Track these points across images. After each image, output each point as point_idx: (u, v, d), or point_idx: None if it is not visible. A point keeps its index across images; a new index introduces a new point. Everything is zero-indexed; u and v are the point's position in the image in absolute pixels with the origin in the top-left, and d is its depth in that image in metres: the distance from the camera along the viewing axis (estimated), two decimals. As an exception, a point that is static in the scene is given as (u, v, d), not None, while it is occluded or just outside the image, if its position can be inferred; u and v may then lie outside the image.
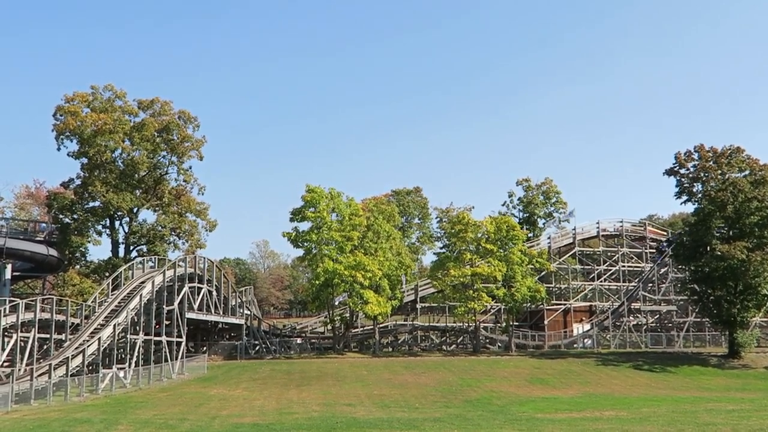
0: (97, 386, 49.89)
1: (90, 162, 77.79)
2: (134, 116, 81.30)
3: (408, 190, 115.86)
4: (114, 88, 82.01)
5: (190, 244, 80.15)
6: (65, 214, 76.94)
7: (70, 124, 76.76)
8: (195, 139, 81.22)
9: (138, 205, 79.68)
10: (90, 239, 78.08)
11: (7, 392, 41.47)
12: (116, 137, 77.34)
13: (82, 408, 41.34)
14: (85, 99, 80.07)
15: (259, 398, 46.34)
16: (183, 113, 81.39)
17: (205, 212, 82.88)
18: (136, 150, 79.12)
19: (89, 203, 77.51)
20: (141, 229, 79.41)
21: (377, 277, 72.99)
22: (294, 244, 76.83)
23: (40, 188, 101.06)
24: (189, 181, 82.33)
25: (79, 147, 77.93)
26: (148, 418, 36.57)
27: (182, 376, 59.87)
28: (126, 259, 75.16)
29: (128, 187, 78.51)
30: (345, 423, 34.48)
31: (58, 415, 37.89)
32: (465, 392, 50.30)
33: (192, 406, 41.91)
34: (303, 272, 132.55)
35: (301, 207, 76.17)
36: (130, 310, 57.00)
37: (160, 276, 62.49)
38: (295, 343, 79.97)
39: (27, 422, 34.94)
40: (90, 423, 34.21)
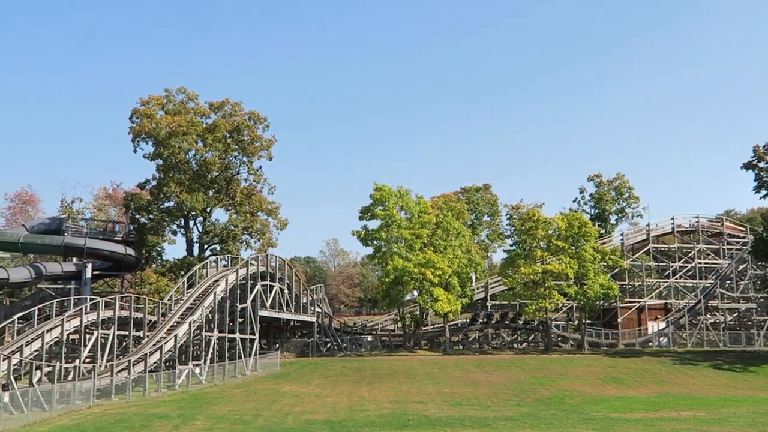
0: (173, 382, 51.07)
1: (165, 163, 79.58)
2: (206, 118, 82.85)
3: (477, 187, 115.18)
4: (187, 90, 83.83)
5: (262, 243, 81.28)
6: (142, 215, 78.90)
7: (146, 126, 78.69)
8: (265, 139, 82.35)
9: (211, 204, 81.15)
10: (165, 239, 79.93)
11: (89, 387, 42.80)
12: (189, 138, 78.91)
13: (160, 403, 42.38)
14: (159, 102, 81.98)
15: (331, 395, 46.75)
16: (253, 114, 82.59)
17: (276, 211, 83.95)
18: (209, 151, 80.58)
19: (164, 203, 79.26)
20: (214, 229, 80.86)
21: (447, 274, 72.84)
22: (363, 242, 77.27)
23: (117, 189, 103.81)
24: (259, 181, 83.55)
25: (155, 149, 79.81)
26: (223, 413, 37.30)
27: (255, 372, 60.80)
28: (200, 258, 76.63)
29: (201, 188, 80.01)
30: (416, 420, 34.55)
31: (137, 409, 38.95)
32: (537, 391, 49.80)
33: (265, 403, 42.54)
34: (373, 270, 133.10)
35: (371, 205, 76.52)
36: (204, 307, 58.19)
37: (233, 274, 63.59)
38: (365, 340, 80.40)
39: (108, 416, 36.03)
40: (168, 418, 35.08)
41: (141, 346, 53.94)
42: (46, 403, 37.53)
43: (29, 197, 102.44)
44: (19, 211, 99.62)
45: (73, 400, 40.56)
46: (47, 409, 37.12)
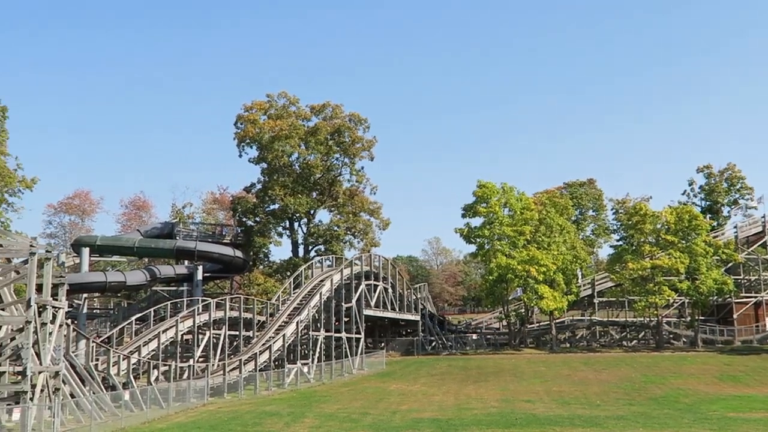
0: (283, 381, 52.19)
1: (269, 167, 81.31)
2: (307, 121, 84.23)
3: (581, 182, 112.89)
4: (288, 94, 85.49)
5: (365, 243, 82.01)
6: (248, 218, 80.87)
7: (250, 131, 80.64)
8: (366, 140, 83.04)
9: (314, 206, 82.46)
10: (271, 240, 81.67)
11: (203, 386, 44.23)
12: (292, 142, 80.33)
13: (271, 401, 43.36)
14: (262, 107, 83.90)
15: (438, 394, 46.77)
16: (353, 116, 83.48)
17: (378, 211, 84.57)
18: (311, 153, 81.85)
19: (270, 206, 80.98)
20: (318, 230, 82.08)
21: (551, 271, 71.79)
22: (466, 240, 76.99)
23: (224, 194, 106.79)
24: (361, 182, 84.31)
25: (259, 153, 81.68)
26: (331, 411, 37.85)
27: (362, 371, 61.45)
28: (305, 259, 77.91)
29: (305, 190, 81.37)
30: (524, 419, 34.18)
31: (249, 407, 39.99)
32: (649, 389, 48.44)
33: (373, 401, 42.92)
34: (476, 268, 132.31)
35: (473, 203, 76.17)
36: (311, 307, 59.21)
37: (337, 274, 64.48)
38: (470, 339, 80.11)
39: (222, 414, 37.14)
40: (279, 416, 35.86)
41: (251, 346, 55.35)
42: (164, 401, 38.96)
43: (142, 203, 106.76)
44: (134, 217, 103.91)
45: (189, 398, 41.98)
46: (164, 407, 38.53)
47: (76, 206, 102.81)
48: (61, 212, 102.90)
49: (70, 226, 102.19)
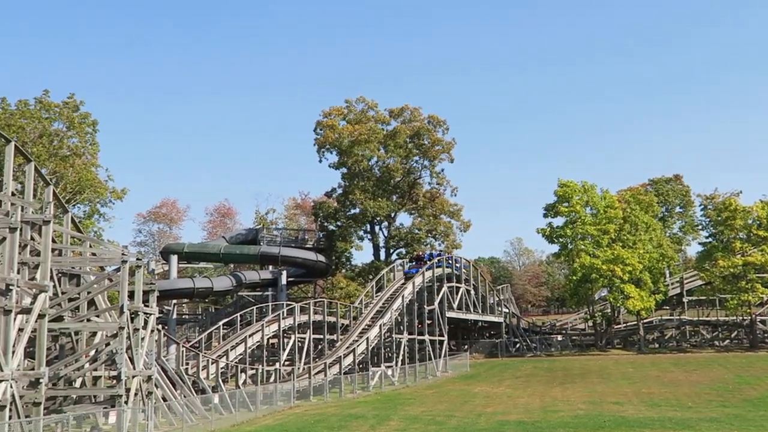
0: (367, 383, 52.51)
1: (349, 171, 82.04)
2: (386, 125, 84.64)
3: (667, 178, 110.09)
4: (366, 99, 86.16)
5: (446, 245, 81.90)
6: (330, 222, 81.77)
7: (329, 137, 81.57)
8: (445, 142, 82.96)
9: (395, 209, 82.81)
10: (353, 244, 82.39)
11: (290, 389, 44.88)
12: (371, 146, 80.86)
13: (356, 404, 43.69)
14: (340, 112, 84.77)
15: (523, 396, 46.31)
16: (432, 118, 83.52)
17: (458, 213, 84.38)
18: (390, 157, 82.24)
19: (350, 210, 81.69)
20: (399, 233, 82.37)
21: (637, 270, 70.26)
22: (549, 240, 76.13)
23: (305, 199, 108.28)
24: (442, 184, 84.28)
25: (339, 158, 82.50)
26: (416, 414, 37.92)
27: (446, 373, 61.35)
28: (387, 262, 78.29)
29: (385, 193, 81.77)
30: (613, 421, 33.55)
31: (334, 410, 40.40)
32: (743, 391, 46.81)
33: (457, 404, 42.80)
34: (559, 268, 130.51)
35: (554, 202, 75.27)
36: (393, 310, 59.45)
37: (419, 277, 64.55)
38: (555, 340, 79.06)
39: (308, 416, 37.63)
40: (364, 418, 36.12)
41: (335, 349, 55.91)
42: (252, 404, 39.72)
43: (227, 210, 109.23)
44: (219, 224, 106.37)
45: (276, 401, 42.68)
46: (252, 410, 39.28)
47: (164, 215, 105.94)
48: (150, 221, 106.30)
49: (158, 235, 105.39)
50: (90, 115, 60.65)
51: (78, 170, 57.58)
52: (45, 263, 25.85)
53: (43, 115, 58.15)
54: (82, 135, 60.18)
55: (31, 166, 30.65)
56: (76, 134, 59.85)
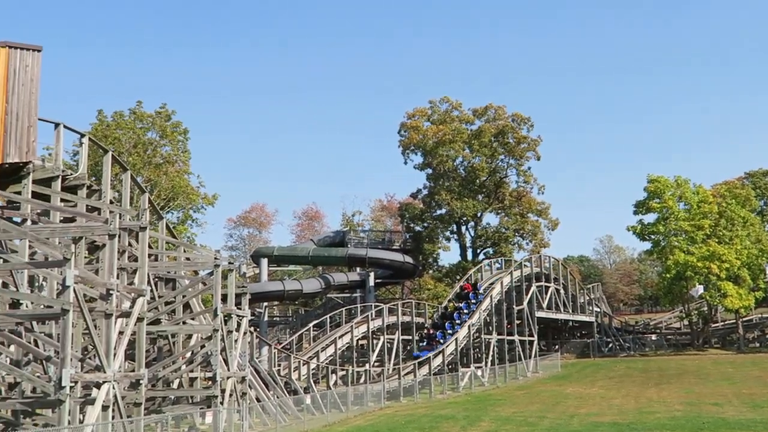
0: (457, 384, 52.38)
1: (434, 172, 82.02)
2: (470, 124, 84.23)
3: (765, 170, 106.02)
4: (450, 99, 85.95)
5: (534, 244, 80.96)
6: (416, 223, 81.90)
7: (413, 138, 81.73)
8: (530, 140, 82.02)
9: (481, 209, 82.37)
10: (440, 245, 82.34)
11: (380, 390, 45.18)
12: (456, 146, 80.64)
13: (446, 405, 43.62)
14: (424, 113, 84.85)
15: (617, 397, 45.35)
16: (516, 116, 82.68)
17: (546, 211, 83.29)
18: (476, 156, 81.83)
19: (436, 211, 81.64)
20: (486, 233, 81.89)
21: (735, 267, 67.90)
22: (640, 237, 74.40)
23: (391, 201, 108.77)
24: (528, 182, 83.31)
25: (423, 159, 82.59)
26: (507, 415, 37.59)
27: (536, 374, 60.64)
28: (474, 262, 77.90)
29: (471, 193, 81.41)
30: (712, 423, 32.51)
31: (425, 411, 40.44)
32: None
33: (549, 404, 42.23)
34: (651, 266, 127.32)
35: (645, 198, 73.52)
36: (482, 310, 59.14)
37: (507, 277, 64.04)
38: (649, 339, 77.18)
39: (399, 417, 37.77)
40: (454, 419, 36.03)
41: (424, 350, 55.95)
42: (343, 405, 40.13)
43: (314, 213, 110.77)
44: (307, 227, 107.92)
45: (366, 401, 43.01)
46: (344, 410, 39.68)
47: (254, 219, 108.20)
48: (240, 225, 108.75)
49: (248, 239, 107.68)
50: (181, 124, 62.62)
51: (171, 177, 59.43)
52: (142, 268, 26.74)
53: (137, 125, 60.30)
54: (174, 143, 62.11)
55: (127, 174, 31.77)
56: (168, 143, 61.82)
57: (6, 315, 22.52)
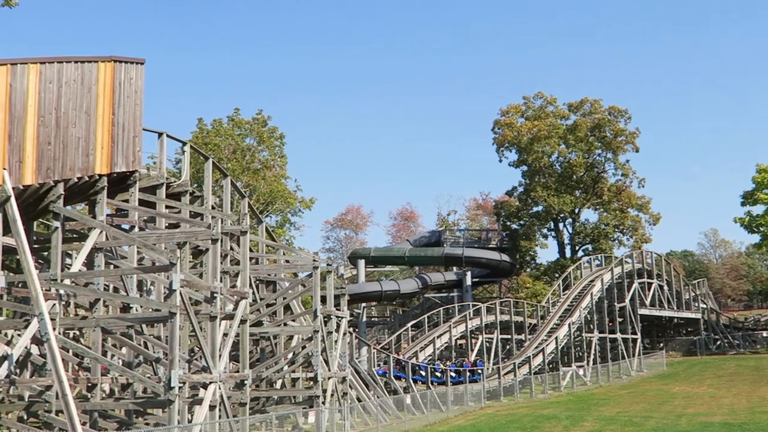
0: (558, 383, 51.65)
1: (529, 169, 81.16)
2: (566, 119, 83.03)
3: None
4: (544, 94, 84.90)
5: (635, 240, 79.05)
6: (512, 221, 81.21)
7: (508, 135, 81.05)
8: (628, 132, 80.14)
9: (579, 205, 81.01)
10: (537, 243, 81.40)
11: (480, 390, 44.98)
12: (551, 142, 79.63)
13: (547, 404, 43.07)
14: (518, 110, 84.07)
15: (727, 396, 43.80)
16: (613, 109, 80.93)
17: (647, 206, 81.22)
18: (572, 152, 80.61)
19: (533, 208, 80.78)
20: (584, 229, 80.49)
21: None
22: (748, 229, 71.50)
23: (486, 199, 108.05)
24: (627, 176, 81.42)
25: (518, 156, 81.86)
26: (611, 415, 36.82)
27: (640, 373, 59.19)
28: (573, 260, 76.73)
29: (568, 189, 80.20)
30: (832, 424, 31.05)
31: (525, 410, 40.03)
32: None
33: (655, 404, 41.17)
34: (760, 259, 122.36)
35: (753, 189, 70.65)
36: (582, 308, 58.14)
37: (608, 273, 62.71)
38: (760, 336, 74.15)
39: (499, 417, 37.50)
40: (557, 419, 35.52)
41: (523, 349, 55.45)
42: (443, 405, 40.14)
43: (410, 214, 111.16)
44: (402, 228, 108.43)
45: (466, 401, 42.89)
46: (444, 410, 39.67)
47: (350, 221, 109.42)
48: (337, 227, 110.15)
49: (345, 240, 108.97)
50: (277, 129, 63.91)
51: (269, 182, 60.75)
52: (244, 271, 27.39)
53: (235, 132, 61.90)
54: (271, 148, 63.47)
55: (227, 180, 32.64)
56: (265, 148, 63.23)
57: (117, 318, 23.47)
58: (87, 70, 23.75)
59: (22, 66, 21.32)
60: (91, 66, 23.94)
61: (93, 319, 22.79)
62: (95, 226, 23.47)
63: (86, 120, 23.54)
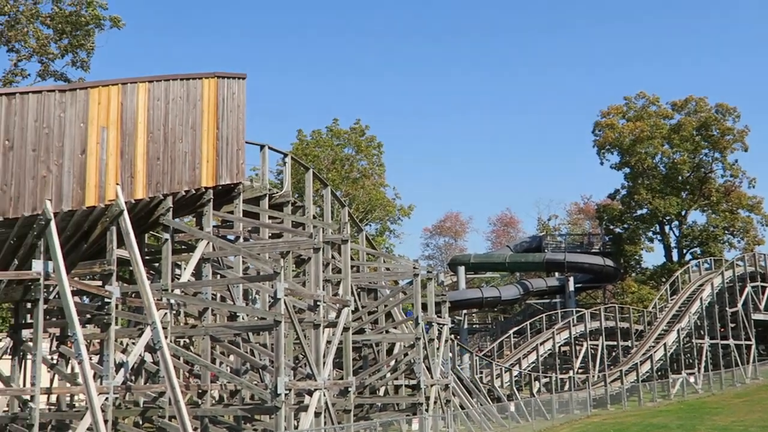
0: (668, 391, 50.15)
1: (632, 171, 79.25)
2: (669, 119, 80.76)
3: None
4: (646, 94, 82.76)
5: (747, 242, 75.95)
6: (615, 225, 79.39)
7: (609, 137, 79.37)
8: (737, 131, 77.15)
9: (685, 207, 78.56)
10: (642, 246, 79.31)
11: (585, 397, 44.09)
12: (655, 142, 77.57)
13: (657, 413, 41.86)
14: (619, 111, 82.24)
15: None
16: (720, 106, 78.10)
17: (758, 206, 77.93)
18: (676, 152, 78.29)
19: (637, 211, 78.79)
20: (692, 232, 77.94)
21: None
22: None
23: (588, 203, 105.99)
24: (737, 176, 78.34)
25: (620, 158, 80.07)
26: (725, 424, 35.48)
27: (756, 381, 56.81)
28: (680, 263, 74.42)
29: (673, 191, 77.89)
30: None
31: (634, 419, 39.01)
32: None
33: (773, 414, 39.45)
34: None
35: None
36: (691, 314, 56.30)
37: (718, 277, 60.49)
38: None
39: (607, 426, 36.69)
40: (667, 428, 34.52)
41: (630, 356, 54.07)
42: (547, 413, 39.53)
43: (509, 219, 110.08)
44: (502, 234, 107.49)
45: (572, 409, 42.14)
46: (549, 418, 39.07)
47: (448, 228, 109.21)
48: (436, 235, 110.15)
49: (444, 247, 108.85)
50: (375, 138, 64.56)
51: (368, 191, 61.38)
52: (346, 279, 27.75)
53: (334, 142, 62.86)
54: (370, 157, 64.13)
55: (327, 190, 33.17)
56: (364, 157, 63.94)
57: (225, 327, 24.17)
58: (192, 87, 24.61)
59: (132, 85, 22.28)
60: (195, 83, 24.79)
61: (202, 328, 23.52)
62: (203, 237, 24.23)
63: (192, 135, 24.37)
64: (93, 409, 18.44)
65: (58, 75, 40.40)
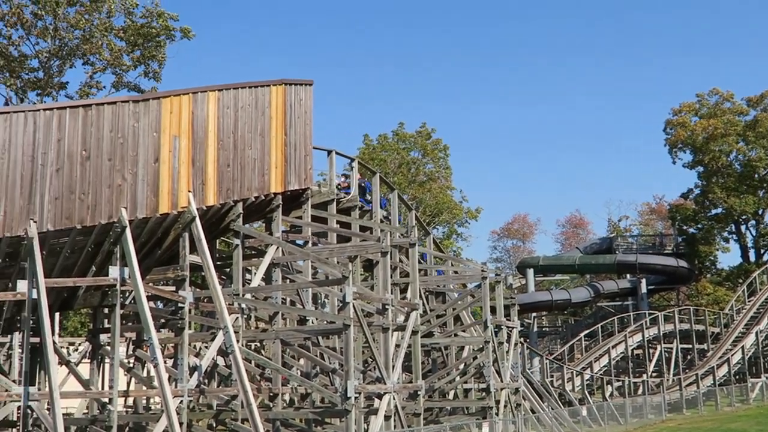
0: (746, 395, 48.72)
1: (706, 169, 77.38)
2: (744, 115, 78.58)
3: None
4: (720, 91, 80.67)
5: (828, 241, 73.48)
6: (689, 225, 77.57)
7: (681, 135, 77.69)
8: (819, 127, 74.66)
9: (762, 206, 76.25)
10: (717, 247, 77.31)
11: (660, 402, 43.18)
12: (729, 140, 75.56)
13: (735, 418, 40.70)
14: (691, 108, 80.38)
15: None
16: (798, 100, 75.82)
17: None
18: (752, 149, 76.13)
19: (711, 211, 76.88)
20: (769, 231, 75.76)
21: None
22: None
23: (660, 203, 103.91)
24: (818, 173, 75.81)
25: (693, 156, 78.28)
26: (808, 430, 34.34)
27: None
28: (758, 263, 72.33)
29: (749, 189, 75.69)
30: None
31: (711, 424, 38.03)
32: None
33: None
34: None
35: None
36: (770, 316, 54.65)
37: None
38: None
39: (682, 430, 35.89)
40: (746, 434, 33.59)
41: (706, 359, 52.80)
42: (620, 417, 38.83)
43: (579, 221, 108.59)
44: (571, 235, 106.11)
45: (646, 413, 41.29)
46: (622, 423, 38.38)
47: (516, 230, 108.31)
48: (504, 237, 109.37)
49: (512, 250, 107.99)
50: (441, 141, 64.49)
51: (435, 194, 61.34)
52: (414, 283, 27.76)
53: (400, 145, 63.03)
54: (436, 161, 64.11)
55: (394, 194, 33.27)
56: (430, 160, 63.96)
57: (295, 330, 24.43)
58: (260, 94, 24.99)
59: (202, 94, 22.75)
60: (263, 90, 25.18)
61: (272, 332, 23.84)
62: (272, 242, 24.57)
63: (261, 141, 24.75)
64: (168, 412, 18.85)
65: (132, 86, 41.59)
